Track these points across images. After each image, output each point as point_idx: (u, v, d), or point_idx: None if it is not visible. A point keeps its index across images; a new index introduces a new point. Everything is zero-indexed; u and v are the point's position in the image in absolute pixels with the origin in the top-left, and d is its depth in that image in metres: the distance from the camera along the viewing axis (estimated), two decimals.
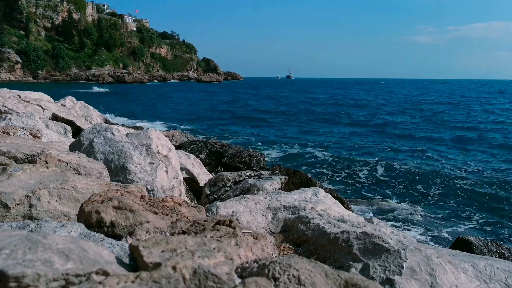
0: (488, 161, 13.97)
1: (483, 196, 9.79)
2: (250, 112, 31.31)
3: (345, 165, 12.85)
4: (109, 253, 1.14)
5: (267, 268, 1.10)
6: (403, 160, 13.81)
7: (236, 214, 2.66)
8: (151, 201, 1.68)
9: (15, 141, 3.00)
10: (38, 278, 0.86)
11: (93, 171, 2.42)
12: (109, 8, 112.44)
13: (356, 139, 18.49)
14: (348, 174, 11.82)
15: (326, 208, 2.94)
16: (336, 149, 15.90)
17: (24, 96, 6.78)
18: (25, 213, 1.68)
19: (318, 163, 13.27)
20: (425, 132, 20.95)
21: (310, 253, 2.23)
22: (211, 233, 1.46)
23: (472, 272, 2.02)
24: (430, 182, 10.96)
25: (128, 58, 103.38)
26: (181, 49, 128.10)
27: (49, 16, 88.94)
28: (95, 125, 3.52)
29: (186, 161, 5.10)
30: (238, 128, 21.61)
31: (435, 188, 10.41)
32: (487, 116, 29.37)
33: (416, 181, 11.02)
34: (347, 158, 13.89)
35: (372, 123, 24.93)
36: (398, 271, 1.82)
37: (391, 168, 12.41)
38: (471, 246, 4.34)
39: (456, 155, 14.91)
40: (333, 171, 12.14)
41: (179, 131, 11.37)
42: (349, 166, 12.80)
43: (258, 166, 6.94)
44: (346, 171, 12.10)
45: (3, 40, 73.42)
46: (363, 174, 11.75)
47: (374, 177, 11.44)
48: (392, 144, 17.18)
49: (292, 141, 17.24)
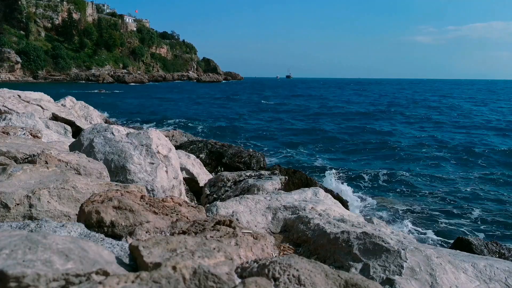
0: (489, 160, 13.97)
1: (484, 196, 9.80)
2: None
3: (346, 165, 12.85)
4: (109, 253, 1.14)
5: (267, 268, 1.10)
6: (403, 160, 13.82)
7: (236, 214, 2.66)
8: (151, 201, 1.68)
9: (15, 141, 3.00)
10: (38, 278, 0.86)
11: (93, 171, 2.42)
12: (109, 8, 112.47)
13: (356, 139, 18.51)
14: (349, 174, 11.82)
15: (326, 208, 2.94)
16: (336, 148, 15.92)
17: (24, 96, 6.79)
18: (25, 213, 1.68)
19: (318, 162, 13.28)
20: (425, 132, 20.96)
21: (310, 253, 2.23)
22: (211, 233, 1.46)
23: (472, 272, 2.02)
24: (430, 182, 10.96)
25: (128, 58, 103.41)
26: (181, 49, 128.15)
27: (49, 16, 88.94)
28: (95, 125, 3.53)
29: (186, 161, 5.10)
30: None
31: (435, 188, 10.41)
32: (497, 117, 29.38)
33: (416, 181, 11.02)
34: (347, 158, 13.90)
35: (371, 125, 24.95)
36: (398, 271, 1.82)
37: (391, 168, 12.42)
38: (471, 246, 4.34)
39: (456, 155, 14.91)
40: (334, 171, 12.15)
41: (179, 131, 11.37)
42: (349, 166, 12.81)
43: (258, 166, 6.94)
44: (346, 171, 12.10)
45: (3, 40, 73.43)
46: (363, 174, 11.76)
47: (375, 177, 11.44)
48: (392, 144, 17.18)
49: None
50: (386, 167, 12.58)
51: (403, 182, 10.90)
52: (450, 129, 22.54)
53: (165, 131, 10.70)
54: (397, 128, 22.56)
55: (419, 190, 10.21)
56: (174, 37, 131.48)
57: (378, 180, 11.16)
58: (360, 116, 28.43)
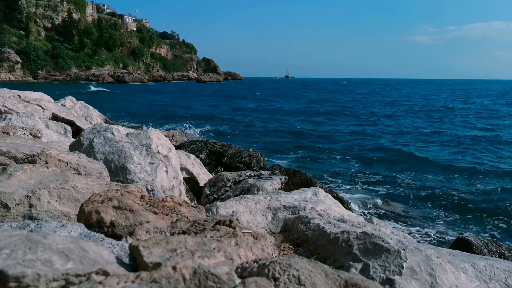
0: (489, 161, 13.97)
1: (484, 196, 9.79)
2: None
3: (346, 165, 12.86)
4: (109, 253, 1.14)
5: (267, 268, 1.10)
6: (404, 160, 13.81)
7: (236, 214, 2.66)
8: (151, 201, 1.68)
9: (15, 141, 3.00)
10: (38, 278, 0.86)
11: (93, 171, 2.42)
12: (109, 8, 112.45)
13: (356, 138, 18.51)
14: (349, 174, 11.82)
15: (326, 208, 2.94)
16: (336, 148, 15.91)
17: (24, 96, 6.78)
18: (25, 213, 1.68)
19: (318, 163, 13.29)
20: (426, 132, 20.95)
21: (310, 253, 2.23)
22: (211, 233, 1.46)
23: (472, 272, 2.02)
24: (430, 183, 10.96)
25: (128, 58, 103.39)
26: (181, 49, 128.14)
27: (49, 16, 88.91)
28: (95, 125, 3.53)
29: (186, 161, 5.10)
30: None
31: (436, 188, 10.40)
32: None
33: (417, 182, 11.02)
34: (348, 158, 13.91)
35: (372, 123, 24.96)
36: (398, 271, 1.82)
37: (391, 168, 12.41)
38: (471, 246, 4.34)
39: (456, 156, 14.91)
40: (334, 170, 12.15)
41: (179, 131, 11.37)
42: (350, 166, 12.81)
43: (258, 166, 6.94)
44: (347, 171, 12.10)
45: (3, 40, 73.40)
46: (364, 174, 11.76)
47: (375, 177, 11.44)
48: (393, 145, 17.18)
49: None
50: (386, 167, 12.58)
51: (403, 182, 10.90)
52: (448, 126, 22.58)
53: (165, 131, 10.69)
54: (399, 126, 22.64)
55: (419, 190, 10.21)
56: (174, 37, 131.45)
57: (378, 180, 11.16)
58: (350, 118, 28.37)
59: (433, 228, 7.71)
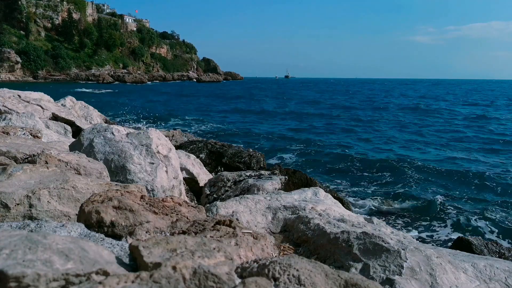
0: (489, 160, 13.97)
1: (484, 195, 9.80)
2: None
3: (346, 165, 12.85)
4: (109, 253, 1.14)
5: (267, 268, 1.10)
6: (404, 161, 13.81)
7: (236, 214, 2.66)
8: (151, 201, 1.68)
9: (15, 141, 3.00)
10: (38, 278, 0.86)
11: (93, 171, 2.42)
12: (109, 8, 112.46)
13: (355, 138, 18.51)
14: (349, 174, 11.82)
15: (326, 208, 2.94)
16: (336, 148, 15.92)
17: (24, 96, 6.78)
18: (25, 213, 1.68)
19: (318, 162, 13.28)
20: (426, 132, 20.96)
21: (310, 253, 2.23)
22: (211, 233, 1.46)
23: (472, 272, 2.02)
24: (431, 183, 10.96)
25: (128, 58, 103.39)
26: (181, 49, 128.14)
27: (49, 16, 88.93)
28: (95, 125, 3.52)
29: (186, 161, 5.10)
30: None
31: (436, 188, 10.41)
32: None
33: (417, 182, 11.01)
34: (348, 158, 13.90)
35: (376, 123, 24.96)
36: (398, 271, 1.82)
37: (391, 168, 12.41)
38: (471, 246, 4.34)
39: (456, 156, 14.91)
40: (334, 170, 12.15)
41: (179, 131, 11.37)
42: (350, 166, 12.80)
43: (258, 166, 6.94)
44: (347, 171, 12.10)
45: (3, 40, 73.39)
46: (364, 174, 11.75)
47: (375, 177, 11.44)
48: (393, 145, 17.18)
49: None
50: (386, 167, 12.57)
51: (403, 182, 10.90)
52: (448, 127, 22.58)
53: (165, 131, 10.69)
54: (399, 126, 22.65)
55: (419, 190, 10.21)
56: (174, 37, 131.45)
57: (378, 180, 11.16)
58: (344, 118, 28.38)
59: (433, 228, 7.71)
